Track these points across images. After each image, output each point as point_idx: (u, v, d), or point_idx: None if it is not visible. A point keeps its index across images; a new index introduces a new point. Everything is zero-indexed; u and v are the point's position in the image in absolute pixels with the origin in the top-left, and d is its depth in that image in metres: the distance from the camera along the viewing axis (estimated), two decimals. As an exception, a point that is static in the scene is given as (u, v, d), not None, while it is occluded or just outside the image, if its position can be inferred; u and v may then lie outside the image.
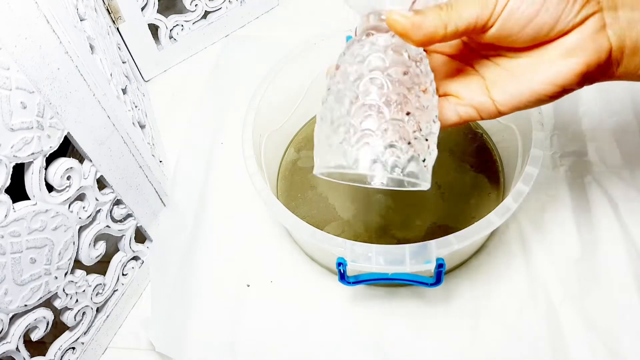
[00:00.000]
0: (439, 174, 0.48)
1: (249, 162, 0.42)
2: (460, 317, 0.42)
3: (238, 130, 0.44)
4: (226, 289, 0.45)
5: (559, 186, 0.48)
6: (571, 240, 0.44)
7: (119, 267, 0.43)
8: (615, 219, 0.45)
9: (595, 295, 0.41)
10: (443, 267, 0.36)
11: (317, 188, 0.49)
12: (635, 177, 0.47)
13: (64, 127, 0.33)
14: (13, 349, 0.34)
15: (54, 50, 0.31)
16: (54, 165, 0.34)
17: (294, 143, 0.54)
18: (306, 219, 0.38)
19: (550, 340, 0.40)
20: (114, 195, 0.40)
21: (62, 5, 0.36)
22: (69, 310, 0.39)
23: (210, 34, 0.65)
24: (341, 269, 0.37)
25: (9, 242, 0.31)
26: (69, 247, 0.36)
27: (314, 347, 0.42)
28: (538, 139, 0.40)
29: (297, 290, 0.45)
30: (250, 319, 0.43)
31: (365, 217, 0.47)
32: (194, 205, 0.50)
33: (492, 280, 0.43)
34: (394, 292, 0.43)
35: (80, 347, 0.41)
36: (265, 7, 0.68)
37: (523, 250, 0.44)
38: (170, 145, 0.57)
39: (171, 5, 0.65)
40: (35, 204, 0.32)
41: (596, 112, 0.52)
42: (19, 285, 0.33)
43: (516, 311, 0.41)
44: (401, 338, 0.41)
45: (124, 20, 0.56)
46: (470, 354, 0.40)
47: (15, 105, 0.29)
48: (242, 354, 0.42)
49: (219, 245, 0.48)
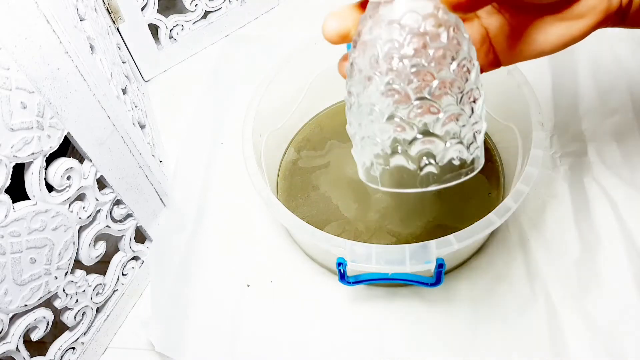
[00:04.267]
0: (439, 174, 0.48)
1: (249, 162, 0.42)
2: (460, 317, 0.42)
3: (238, 130, 0.44)
4: (226, 289, 0.45)
5: (559, 186, 0.48)
6: (571, 240, 0.44)
7: (119, 267, 0.43)
8: (615, 219, 0.45)
9: (595, 295, 0.41)
10: (443, 267, 0.36)
11: (319, 188, 0.50)
12: (635, 177, 0.47)
13: (64, 127, 0.33)
14: (13, 349, 0.34)
15: (54, 50, 0.31)
16: (54, 165, 0.34)
17: (294, 143, 0.54)
18: (306, 219, 0.38)
19: (550, 340, 0.40)
20: (114, 195, 0.40)
21: (62, 5, 0.36)
22: (69, 310, 0.39)
23: (210, 34, 0.65)
24: (341, 269, 0.37)
25: (9, 242, 0.31)
26: (69, 247, 0.36)
27: (314, 347, 0.42)
28: (538, 139, 0.40)
29: (297, 290, 0.45)
30: (250, 319, 0.43)
31: (365, 217, 0.47)
32: (194, 205, 0.50)
33: (492, 280, 0.43)
34: (394, 292, 0.43)
35: (80, 347, 0.41)
36: (265, 7, 0.68)
37: (523, 250, 0.44)
38: (170, 145, 0.57)
39: (171, 5, 0.65)
40: (35, 204, 0.32)
41: (596, 112, 0.52)
42: (19, 285, 0.33)
43: (516, 311, 0.41)
44: (401, 338, 0.41)
45: (124, 20, 0.56)
46: (470, 353, 0.40)
47: (15, 105, 0.29)
48: (242, 354, 0.42)
49: (219, 245, 0.48)
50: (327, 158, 0.52)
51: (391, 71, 0.22)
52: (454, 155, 0.23)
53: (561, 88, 0.54)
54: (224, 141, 0.55)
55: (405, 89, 0.22)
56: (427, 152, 0.23)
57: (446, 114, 0.22)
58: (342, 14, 0.25)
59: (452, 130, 0.23)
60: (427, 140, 0.23)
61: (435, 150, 0.23)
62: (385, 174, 0.24)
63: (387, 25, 0.22)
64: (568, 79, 0.55)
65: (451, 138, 0.23)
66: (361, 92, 0.23)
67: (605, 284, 0.42)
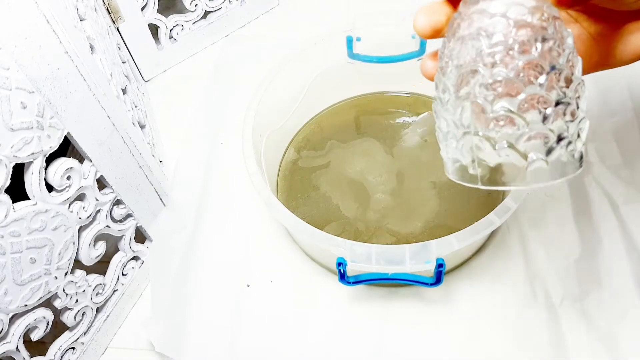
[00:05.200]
0: (439, 174, 0.48)
1: (249, 162, 0.42)
2: (460, 317, 0.42)
3: (238, 130, 0.44)
4: (226, 289, 0.45)
5: (559, 186, 0.48)
6: (571, 240, 0.44)
7: (119, 267, 0.43)
8: (615, 219, 0.45)
9: (595, 295, 0.41)
10: (443, 267, 0.36)
11: (319, 188, 0.50)
12: (635, 177, 0.47)
13: (64, 127, 0.33)
14: (13, 349, 0.34)
15: (54, 50, 0.31)
16: (54, 165, 0.34)
17: (294, 143, 0.54)
18: (306, 219, 0.38)
19: (550, 340, 0.40)
20: (114, 195, 0.40)
21: (62, 5, 0.36)
22: (69, 310, 0.39)
23: (210, 34, 0.65)
24: (341, 269, 0.37)
25: (9, 242, 0.31)
26: (69, 247, 0.36)
27: (314, 347, 0.42)
28: (538, 139, 0.40)
29: (297, 291, 0.45)
30: (250, 319, 0.43)
31: (365, 217, 0.47)
32: (194, 205, 0.50)
33: (492, 280, 0.43)
34: (394, 292, 0.43)
35: (80, 347, 0.41)
36: (265, 7, 0.68)
37: (523, 250, 0.44)
38: (170, 145, 0.57)
39: (171, 5, 0.65)
40: (35, 204, 0.32)
41: (596, 112, 0.52)
42: (19, 285, 0.33)
43: (516, 311, 0.41)
44: (401, 338, 0.41)
45: (124, 20, 0.56)
46: (470, 353, 0.40)
47: (15, 105, 0.29)
48: (242, 353, 0.42)
49: (219, 245, 0.48)
50: (327, 158, 0.52)
51: (498, 64, 0.22)
52: (562, 152, 0.22)
53: (561, 88, 0.54)
54: (224, 141, 0.55)
55: (514, 82, 0.22)
56: (536, 147, 0.22)
57: (555, 108, 0.22)
58: (433, 8, 0.25)
59: (560, 125, 0.22)
60: (537, 134, 0.22)
61: (545, 146, 0.22)
62: (486, 171, 0.23)
63: (491, 18, 0.22)
64: (568, 79, 0.55)
65: (559, 134, 0.22)
66: (461, 88, 0.23)
67: (605, 284, 0.42)
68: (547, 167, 0.22)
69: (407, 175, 0.49)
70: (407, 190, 0.48)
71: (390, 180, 0.49)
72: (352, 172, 0.50)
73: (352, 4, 0.66)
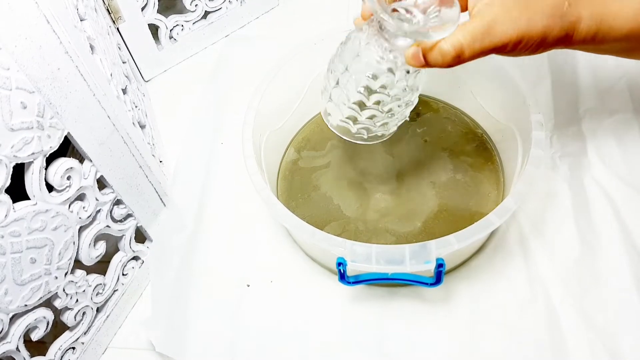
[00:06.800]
0: (438, 174, 0.48)
1: (249, 162, 0.42)
2: (460, 316, 0.42)
3: (238, 130, 0.44)
4: (226, 289, 0.45)
5: (559, 186, 0.48)
6: (571, 240, 0.44)
7: (119, 267, 0.43)
8: (615, 219, 0.45)
9: (595, 295, 0.41)
10: (443, 267, 0.36)
11: (319, 188, 0.50)
12: (635, 177, 0.47)
13: (64, 127, 0.33)
14: (13, 349, 0.34)
15: (54, 50, 0.31)
16: (54, 165, 0.34)
17: (294, 143, 0.54)
18: (306, 219, 0.38)
19: (550, 340, 0.40)
20: (114, 195, 0.40)
21: (62, 5, 0.36)
22: (69, 310, 0.39)
23: (210, 34, 0.65)
24: (341, 269, 0.37)
25: (9, 242, 0.31)
26: (69, 247, 0.36)
27: (314, 347, 0.42)
28: (538, 139, 0.40)
29: (297, 290, 0.45)
30: (250, 319, 0.43)
31: (365, 217, 0.47)
32: (194, 205, 0.50)
33: (492, 280, 0.43)
34: (394, 292, 0.43)
35: (80, 347, 0.41)
36: (265, 7, 0.68)
37: (523, 250, 0.44)
38: (170, 145, 0.57)
39: (171, 5, 0.65)
40: (35, 204, 0.32)
41: (596, 112, 0.52)
42: (19, 285, 0.33)
43: (516, 311, 0.41)
44: (401, 338, 0.41)
45: (124, 20, 0.56)
46: (470, 353, 0.40)
47: (15, 105, 0.29)
48: (242, 354, 0.42)
49: (219, 245, 0.48)
50: (327, 158, 0.52)
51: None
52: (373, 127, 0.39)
53: (561, 88, 0.54)
54: (224, 141, 0.55)
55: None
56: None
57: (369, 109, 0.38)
58: None
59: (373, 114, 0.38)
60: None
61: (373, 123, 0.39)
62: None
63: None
64: (568, 79, 0.55)
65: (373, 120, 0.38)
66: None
67: (605, 284, 0.42)
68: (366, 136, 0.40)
69: (407, 175, 0.49)
70: (407, 190, 0.48)
71: (390, 180, 0.49)
72: (352, 172, 0.50)
73: (352, 4, 0.66)
